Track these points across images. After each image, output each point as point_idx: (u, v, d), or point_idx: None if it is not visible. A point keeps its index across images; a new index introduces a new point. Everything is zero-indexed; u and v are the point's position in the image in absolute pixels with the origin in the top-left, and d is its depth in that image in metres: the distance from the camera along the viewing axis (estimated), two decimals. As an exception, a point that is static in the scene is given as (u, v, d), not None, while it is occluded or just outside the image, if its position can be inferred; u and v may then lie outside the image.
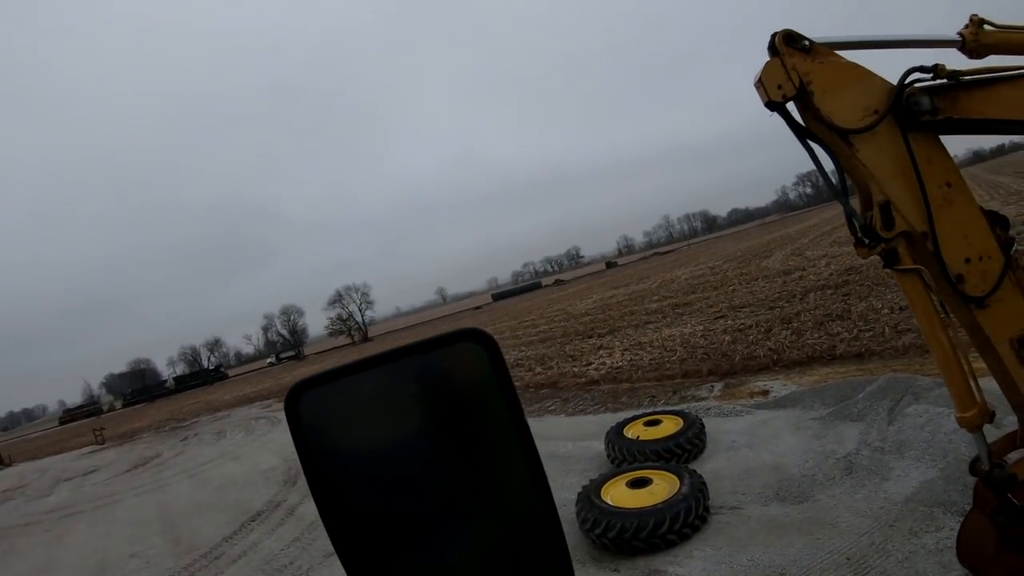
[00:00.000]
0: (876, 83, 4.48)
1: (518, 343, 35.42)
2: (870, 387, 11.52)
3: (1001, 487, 4.71)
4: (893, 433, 9.51)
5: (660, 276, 61.57)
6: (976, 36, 5.13)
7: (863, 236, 4.56)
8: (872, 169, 4.42)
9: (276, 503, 14.57)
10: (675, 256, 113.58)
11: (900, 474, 8.37)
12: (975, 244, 4.68)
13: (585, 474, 10.35)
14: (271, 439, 25.21)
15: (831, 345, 16.11)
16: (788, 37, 4.36)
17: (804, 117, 4.52)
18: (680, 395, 15.40)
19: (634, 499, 8.46)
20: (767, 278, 34.03)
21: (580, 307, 50.72)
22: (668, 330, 25.50)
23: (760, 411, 12.46)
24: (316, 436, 1.74)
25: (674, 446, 10.42)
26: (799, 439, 10.40)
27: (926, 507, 7.43)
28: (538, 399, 19.24)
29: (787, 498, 8.54)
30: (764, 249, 59.42)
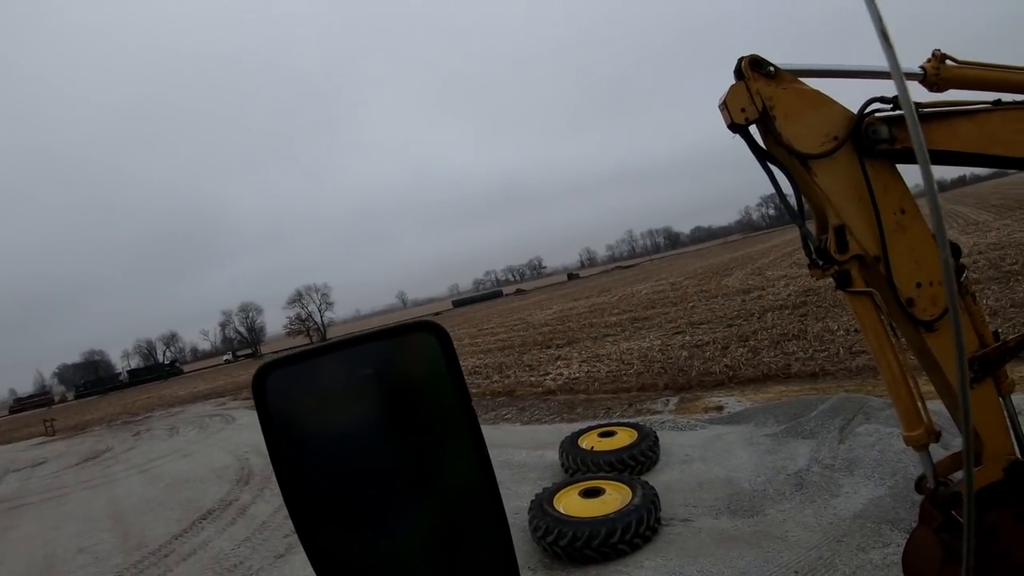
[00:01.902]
0: (837, 111, 4.63)
1: (477, 350, 35.46)
2: (823, 406, 11.73)
3: (946, 504, 4.86)
4: (844, 451, 9.69)
5: (621, 290, 61.94)
6: (937, 70, 5.32)
7: (817, 258, 4.71)
8: (829, 194, 4.56)
9: (228, 502, 14.45)
10: (637, 271, 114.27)
11: (849, 491, 8.53)
12: (926, 269, 4.84)
13: (539, 482, 10.42)
14: (225, 437, 25.00)
15: (786, 364, 16.37)
16: (754, 62, 4.49)
17: (765, 140, 4.65)
18: (636, 408, 15.52)
19: (586, 508, 8.52)
20: (727, 296, 34.39)
21: (540, 317, 50.90)
22: (627, 343, 25.68)
23: (714, 426, 12.61)
24: (280, 415, 1.82)
25: (627, 457, 10.51)
26: (751, 454, 10.54)
27: (874, 523, 7.59)
28: (495, 407, 19.27)
29: (738, 511, 8.66)
30: (725, 268, 59.96)
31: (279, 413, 1.81)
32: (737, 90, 4.49)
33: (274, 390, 1.81)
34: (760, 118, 4.49)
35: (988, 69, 5.49)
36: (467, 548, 2.00)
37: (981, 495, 4.96)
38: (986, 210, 58.72)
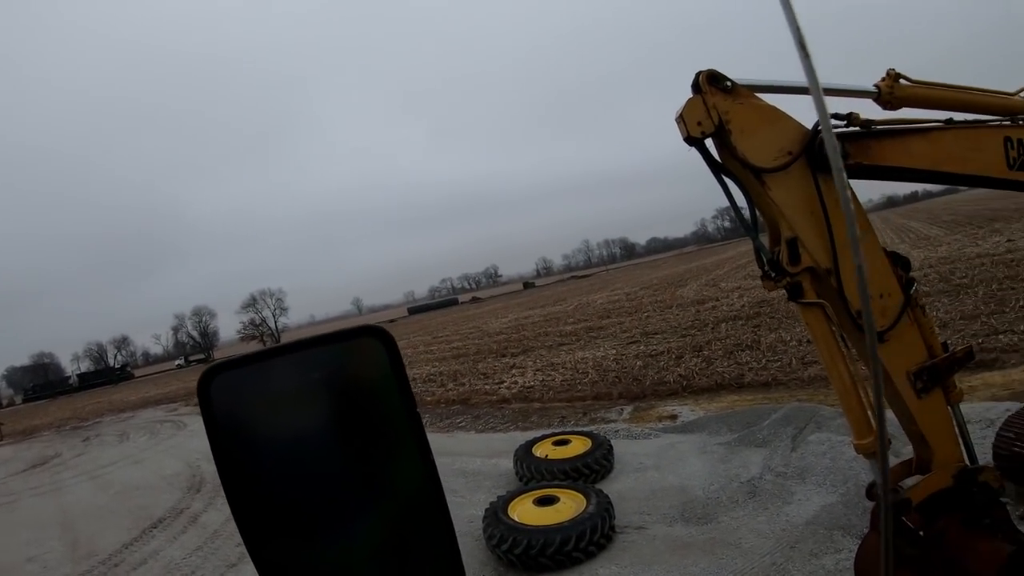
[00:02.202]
0: (792, 126, 4.73)
1: (432, 358, 35.35)
2: (775, 415, 11.90)
3: (897, 511, 4.98)
4: (796, 459, 9.84)
5: (577, 299, 62.12)
6: (892, 89, 5.46)
7: (770, 270, 4.82)
8: (782, 207, 4.65)
9: (179, 510, 14.26)
10: (593, 280, 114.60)
11: (802, 498, 8.66)
12: (877, 282, 4.96)
13: (493, 491, 10.40)
14: (176, 443, 24.64)
15: (740, 373, 16.56)
16: (711, 77, 4.57)
17: (721, 154, 4.74)
18: (590, 416, 15.58)
19: (541, 516, 8.55)
20: (681, 307, 34.67)
21: (495, 325, 50.85)
22: (581, 352, 25.76)
23: (668, 435, 12.71)
24: (226, 419, 1.83)
25: (582, 466, 10.54)
26: (705, 462, 10.63)
27: (826, 530, 7.72)
28: (449, 415, 19.26)
29: (692, 519, 8.74)
30: (680, 278, 60.39)
31: (225, 417, 1.81)
32: (694, 104, 4.57)
33: (220, 394, 1.81)
34: (716, 132, 4.57)
35: (940, 89, 5.66)
36: (415, 554, 2.03)
37: (931, 501, 5.11)
38: (937, 225, 59.87)
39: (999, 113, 5.91)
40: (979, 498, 5.20)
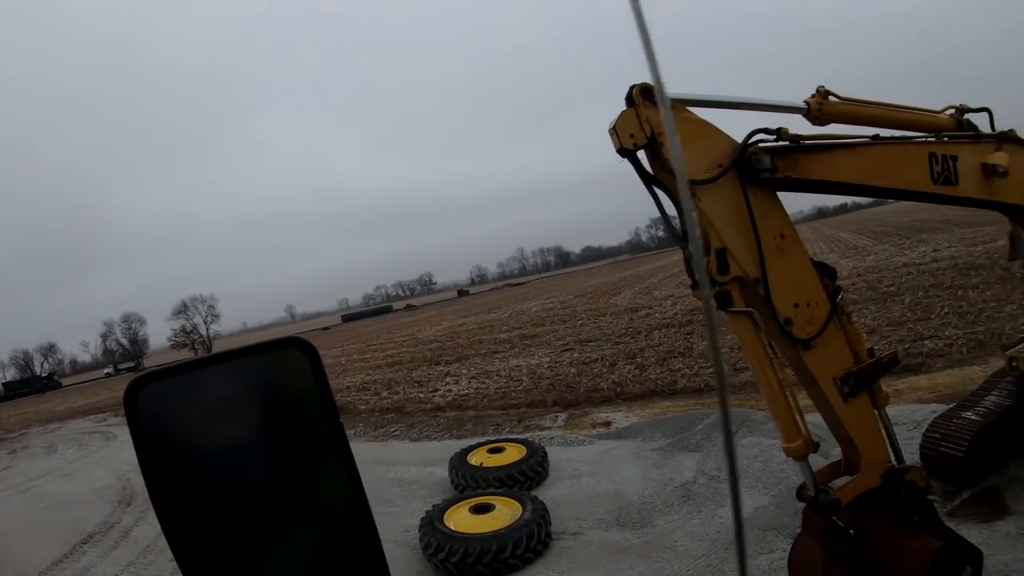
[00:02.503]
0: (723, 140, 4.88)
1: (366, 366, 35.14)
2: (708, 420, 12.13)
3: (826, 511, 5.16)
4: (729, 463, 9.94)
5: (511, 307, 62.28)
6: (821, 105, 5.67)
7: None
8: (712, 218, 4.78)
9: (110, 524, 13.93)
10: (527, 288, 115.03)
11: (735, 501, 8.77)
12: (803, 291, 5.14)
13: (429, 499, 10.39)
14: (106, 455, 24.04)
15: (672, 380, 16.80)
16: (645, 90, 4.68)
17: (652, 166, 4.86)
18: (525, 424, 15.65)
19: (477, 524, 8.59)
20: (615, 314, 34.97)
21: (429, 333, 50.76)
22: (516, 360, 25.87)
23: (602, 441, 12.84)
24: (152, 429, 1.81)
25: (517, 473, 10.61)
26: (639, 468, 10.78)
27: (760, 530, 7.89)
28: (383, 424, 19.16)
29: (627, 524, 8.86)
30: (614, 287, 60.88)
31: (152, 428, 1.81)
32: (627, 116, 4.67)
33: (147, 404, 1.81)
34: (648, 144, 4.67)
35: (868, 106, 5.88)
36: (341, 565, 2.04)
37: (860, 501, 5.29)
38: (866, 236, 61.35)
39: (925, 130, 6.16)
40: (906, 497, 5.40)
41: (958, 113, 6.50)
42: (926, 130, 6.19)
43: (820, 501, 5.18)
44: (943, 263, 28.28)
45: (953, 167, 5.84)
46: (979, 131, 6.43)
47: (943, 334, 16.06)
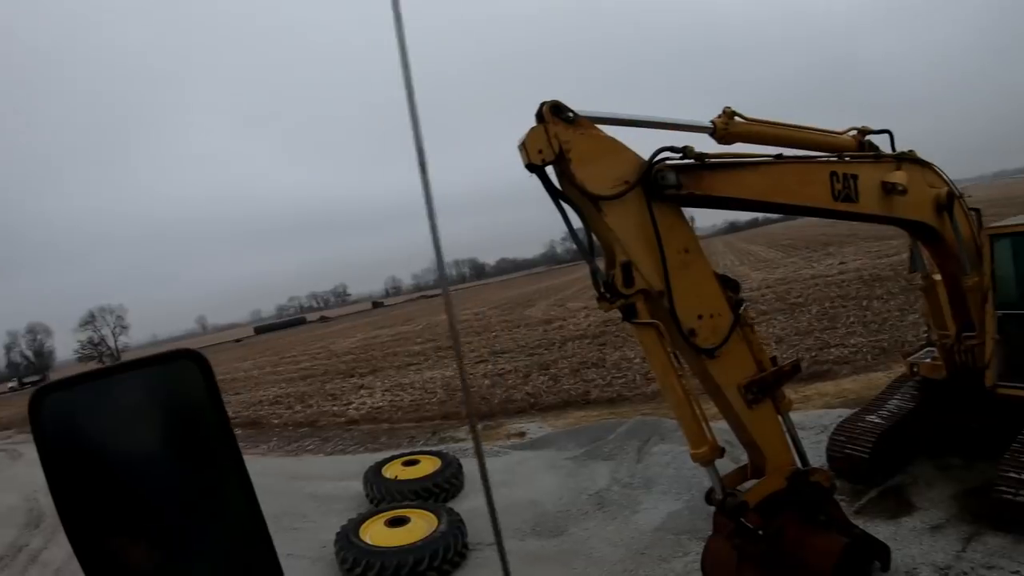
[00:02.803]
0: (629, 157, 5.03)
1: (278, 379, 34.69)
2: (621, 429, 12.25)
3: (735, 513, 5.33)
4: (641, 470, 10.22)
5: (425, 319, 62.09)
6: (726, 125, 5.90)
7: (606, 292, 5.08)
8: (617, 233, 4.93)
9: (18, 547, 13.43)
10: (442, 300, 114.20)
11: (649, 507, 9.03)
12: (707, 303, 5.34)
13: (344, 514, 10.30)
14: (11, 476, 22.95)
15: (586, 390, 17.05)
16: (555, 107, 4.80)
17: (560, 181, 4.99)
18: (439, 436, 15.70)
19: (393, 538, 8.57)
20: (529, 326, 35.27)
21: (343, 345, 50.35)
22: (430, 372, 25.89)
23: (517, 452, 12.95)
24: (56, 439, 1.85)
25: (432, 485, 10.63)
26: (554, 477, 10.90)
27: (673, 535, 8.12)
28: (297, 438, 18.98)
29: (543, 532, 8.98)
30: (529, 299, 61.29)
31: (56, 437, 1.85)
32: (536, 132, 4.78)
33: (51, 415, 1.84)
34: (556, 160, 4.78)
35: (772, 126, 6.14)
36: (237, 573, 2.05)
37: (767, 503, 5.49)
38: (776, 249, 63.06)
39: (827, 150, 6.45)
40: (812, 497, 5.62)
41: (860, 134, 6.82)
42: (828, 150, 6.46)
43: (728, 504, 5.36)
44: (849, 275, 29.30)
45: (854, 185, 6.10)
46: (880, 151, 6.73)
47: (848, 342, 16.68)
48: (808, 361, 15.43)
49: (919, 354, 9.70)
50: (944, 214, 7.05)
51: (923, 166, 6.95)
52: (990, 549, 6.64)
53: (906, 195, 6.42)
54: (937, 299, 8.42)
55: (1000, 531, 6.84)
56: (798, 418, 7.37)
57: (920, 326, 15.53)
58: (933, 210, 6.98)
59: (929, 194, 6.95)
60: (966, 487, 7.93)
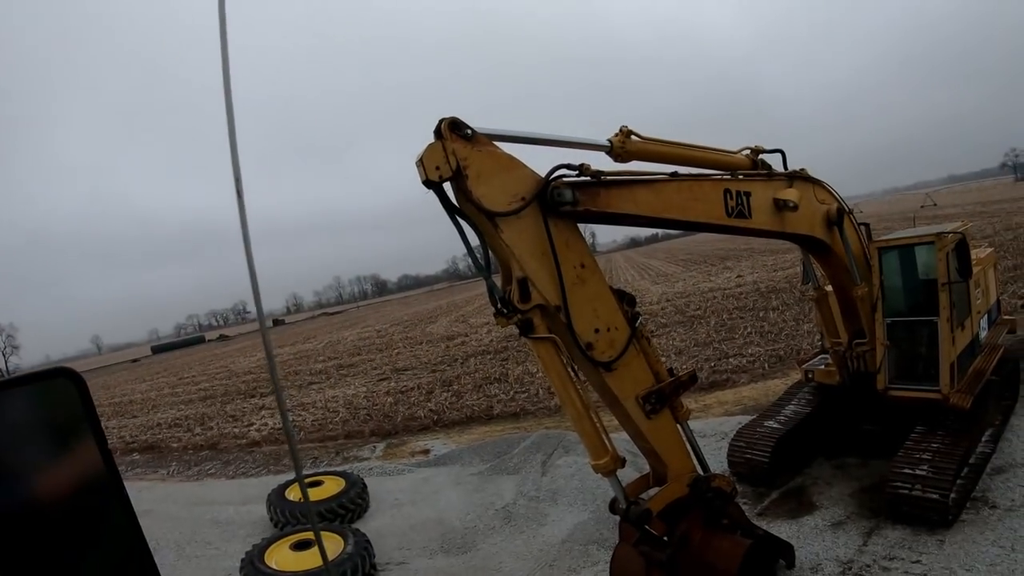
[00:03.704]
0: (526, 174, 5.12)
1: (177, 401, 33.78)
2: (525, 443, 12.39)
3: (639, 521, 5.47)
4: (547, 483, 10.32)
5: (327, 336, 61.48)
6: (623, 144, 6.04)
7: (503, 307, 5.15)
8: (514, 249, 5.01)
9: None
10: (344, 317, 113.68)
11: (555, 519, 9.13)
12: (604, 317, 5.46)
13: (248, 539, 10.15)
14: None
15: (489, 406, 17.10)
16: (453, 124, 4.86)
17: (457, 197, 5.06)
18: (343, 456, 15.54)
19: (299, 562, 8.44)
20: (431, 342, 35.18)
21: (244, 365, 49.37)
22: (332, 391, 25.58)
23: (422, 469, 12.91)
24: None
25: (337, 506, 10.52)
26: (460, 493, 10.90)
27: (581, 545, 8.24)
28: (198, 461, 18.49)
29: (451, 549, 8.98)
30: (431, 315, 61.13)
31: None
32: (434, 149, 4.84)
33: None
34: (453, 176, 4.83)
35: (667, 145, 6.32)
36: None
37: (671, 509, 5.64)
38: (675, 263, 64.34)
39: (722, 168, 6.68)
40: (714, 502, 5.78)
41: (753, 154, 7.08)
42: (723, 168, 6.68)
43: (632, 513, 5.49)
44: (747, 287, 30.18)
45: (747, 202, 6.33)
46: (772, 170, 6.98)
47: (746, 352, 17.15)
48: (707, 371, 15.82)
49: (813, 361, 10.08)
50: (834, 228, 7.39)
51: (814, 183, 7.26)
52: (890, 542, 6.97)
53: (797, 211, 6.68)
54: (829, 309, 8.77)
55: (899, 524, 7.21)
56: (699, 426, 7.56)
57: (814, 335, 16.13)
58: (824, 225, 7.29)
59: (820, 210, 7.25)
60: (863, 485, 8.31)
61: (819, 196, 7.34)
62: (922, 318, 8.11)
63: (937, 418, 7.93)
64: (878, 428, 8.78)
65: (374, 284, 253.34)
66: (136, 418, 29.86)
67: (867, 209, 17.67)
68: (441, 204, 5.07)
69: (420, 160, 4.89)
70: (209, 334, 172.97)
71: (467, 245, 5.26)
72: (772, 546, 6.22)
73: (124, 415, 31.95)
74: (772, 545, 6.23)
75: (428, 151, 4.85)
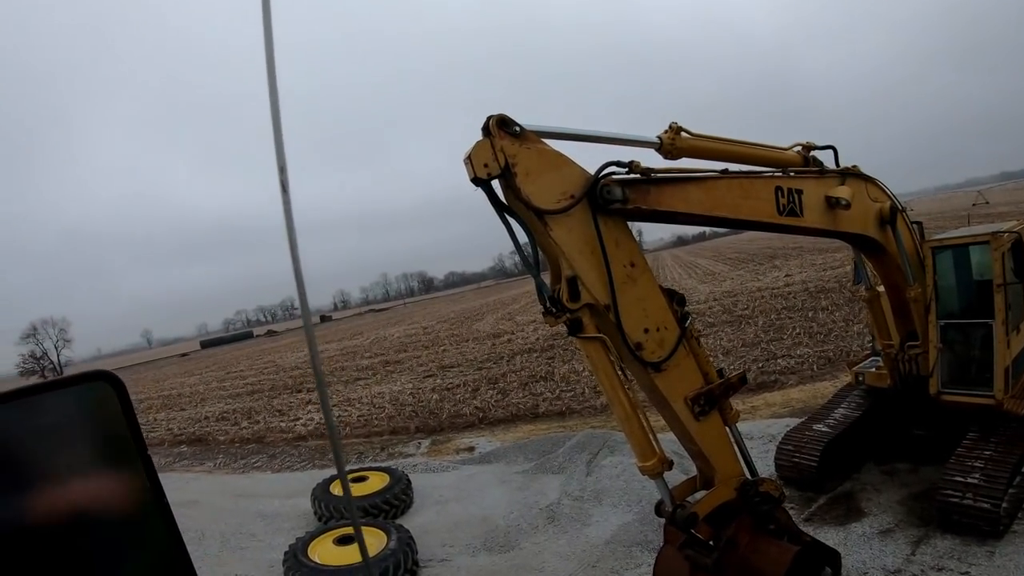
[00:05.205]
0: (575, 171, 5.03)
1: (225, 395, 34.15)
2: (570, 442, 12.28)
3: (685, 525, 5.36)
4: (592, 483, 10.21)
5: (374, 333, 61.74)
6: (673, 141, 5.92)
7: (551, 306, 5.06)
8: (563, 247, 4.93)
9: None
10: (390, 314, 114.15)
11: (599, 519, 9.03)
12: (653, 317, 5.35)
13: (293, 532, 10.20)
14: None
15: (535, 404, 17.02)
16: (501, 121, 4.78)
17: (506, 195, 4.97)
18: (388, 451, 15.59)
19: (342, 556, 8.45)
20: (478, 340, 35.19)
21: (291, 360, 49.77)
22: (378, 387, 25.67)
23: (466, 466, 12.88)
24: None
25: (381, 502, 10.54)
26: (504, 492, 10.86)
27: (625, 547, 8.14)
28: (244, 455, 18.67)
29: (494, 547, 8.94)
30: (477, 312, 61.18)
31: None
32: (482, 146, 4.76)
33: None
34: (502, 173, 4.76)
35: (717, 141, 6.18)
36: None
37: (717, 513, 5.54)
38: (723, 262, 63.73)
39: (772, 165, 6.51)
40: (762, 506, 5.66)
41: (804, 150, 6.90)
42: (774, 165, 6.52)
43: (678, 516, 5.38)
44: (795, 287, 29.75)
45: (798, 200, 6.18)
46: (824, 167, 6.82)
47: (795, 353, 16.90)
48: (755, 372, 15.61)
49: (864, 363, 9.87)
50: (887, 227, 7.19)
51: (866, 181, 7.07)
52: (939, 551, 6.79)
53: (850, 209, 6.52)
54: (881, 310, 8.58)
55: (948, 533, 7.03)
56: (746, 428, 7.45)
57: (865, 336, 15.86)
58: (876, 223, 7.11)
59: (872, 208, 7.07)
60: (913, 491, 8.12)
61: (872, 194, 7.15)
62: (976, 320, 7.90)
63: (990, 424, 7.73)
64: (929, 433, 8.58)
65: (421, 281, 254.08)
66: (184, 411, 30.25)
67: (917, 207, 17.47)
68: (490, 202, 5.01)
69: (468, 158, 4.83)
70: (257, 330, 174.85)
71: (516, 243, 5.20)
72: (819, 553, 6.09)
73: (173, 408, 32.39)
74: (819, 552, 6.10)
75: (476, 149, 4.78)
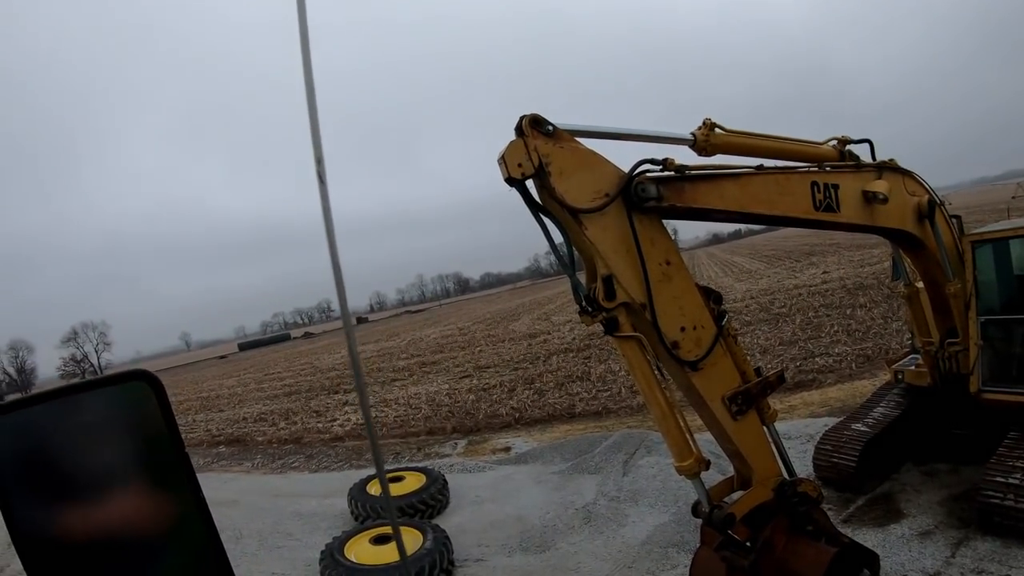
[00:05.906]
0: (609, 169, 5.00)
1: (263, 396, 34.46)
2: (606, 442, 12.21)
3: (722, 525, 5.30)
4: (628, 483, 10.15)
5: (410, 334, 62.00)
6: (707, 137, 5.88)
7: (587, 305, 5.04)
8: (598, 246, 4.90)
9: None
10: (426, 315, 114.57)
11: (636, 520, 8.97)
12: (690, 315, 5.30)
13: (329, 532, 10.24)
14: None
15: (571, 404, 17.00)
16: (534, 121, 4.77)
17: (540, 195, 4.96)
18: (424, 452, 15.62)
19: (378, 555, 8.48)
20: (513, 340, 35.21)
21: (328, 361, 50.11)
22: (414, 388, 25.76)
23: (502, 466, 12.87)
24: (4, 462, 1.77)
25: (417, 502, 10.55)
26: (540, 492, 10.83)
27: (661, 548, 8.07)
28: (282, 455, 18.81)
29: (530, 548, 8.90)
30: (513, 313, 61.24)
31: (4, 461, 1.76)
32: (516, 146, 4.75)
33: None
34: (536, 173, 4.75)
35: (751, 137, 6.12)
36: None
37: (755, 514, 5.47)
38: (759, 260, 63.30)
39: (807, 160, 6.42)
40: (800, 507, 5.59)
41: (840, 144, 6.81)
42: (809, 160, 6.44)
43: (715, 517, 5.33)
44: (832, 284, 29.46)
45: (835, 195, 6.09)
46: (860, 161, 6.72)
47: (833, 351, 16.73)
48: (793, 370, 15.47)
49: (903, 361, 9.73)
50: (925, 222, 7.07)
51: (904, 174, 6.95)
52: (979, 554, 6.65)
53: (887, 204, 6.41)
54: (920, 306, 8.45)
55: (989, 535, 6.87)
56: (784, 428, 7.38)
57: (904, 333, 15.63)
58: (914, 218, 6.99)
59: (910, 202, 6.96)
60: (953, 492, 7.96)
61: (909, 188, 7.03)
62: (1018, 316, 7.75)
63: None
64: (970, 432, 8.43)
65: (456, 282, 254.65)
66: (223, 412, 30.56)
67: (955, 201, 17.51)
68: (524, 202, 5.00)
69: (502, 158, 4.82)
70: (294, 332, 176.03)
71: (551, 243, 5.18)
72: (857, 555, 6.00)
73: (211, 409, 32.73)
74: (857, 554, 6.01)
75: (510, 149, 4.78)
